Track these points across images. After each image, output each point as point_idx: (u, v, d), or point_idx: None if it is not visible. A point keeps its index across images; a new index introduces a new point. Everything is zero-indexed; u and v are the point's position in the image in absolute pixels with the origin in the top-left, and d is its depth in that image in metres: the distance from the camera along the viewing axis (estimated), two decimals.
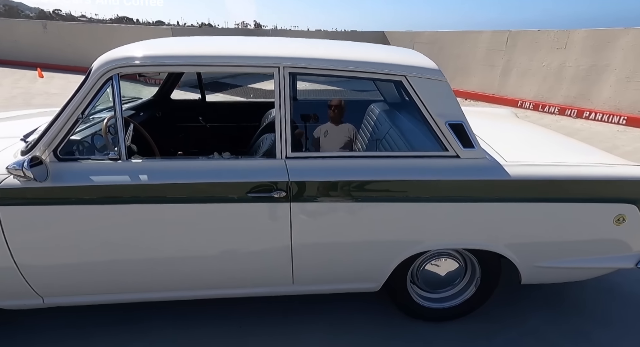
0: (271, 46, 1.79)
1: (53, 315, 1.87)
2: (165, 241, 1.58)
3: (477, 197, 1.61)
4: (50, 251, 1.52)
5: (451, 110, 1.61)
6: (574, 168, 1.65)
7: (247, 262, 1.67)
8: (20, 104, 6.89)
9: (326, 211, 1.59)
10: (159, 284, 1.69)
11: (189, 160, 1.60)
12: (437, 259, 1.84)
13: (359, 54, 1.79)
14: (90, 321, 1.88)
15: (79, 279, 1.61)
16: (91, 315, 1.91)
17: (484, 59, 8.69)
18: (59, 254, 1.53)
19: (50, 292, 1.62)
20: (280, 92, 1.56)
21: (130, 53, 1.50)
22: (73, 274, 1.59)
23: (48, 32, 12.53)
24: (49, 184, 1.42)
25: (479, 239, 1.70)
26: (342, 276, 1.76)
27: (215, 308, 1.98)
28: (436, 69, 1.64)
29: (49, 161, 1.44)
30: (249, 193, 1.53)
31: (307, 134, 2.88)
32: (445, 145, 1.62)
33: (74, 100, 1.44)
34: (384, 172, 1.59)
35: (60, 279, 1.60)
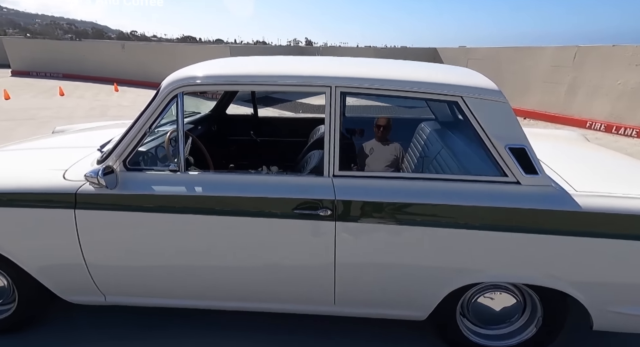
0: (324, 66, 1.82)
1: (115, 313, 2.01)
2: (214, 250, 1.63)
3: (540, 228, 1.47)
4: (113, 253, 1.65)
5: (512, 133, 1.51)
6: None
7: (289, 278, 1.67)
8: (98, 115, 7.76)
9: (372, 232, 1.55)
10: (206, 292, 1.75)
11: (239, 174, 1.66)
12: (492, 292, 1.70)
13: (412, 73, 1.76)
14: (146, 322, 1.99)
15: (136, 281, 1.72)
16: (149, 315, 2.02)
17: (546, 76, 8.11)
18: (120, 256, 1.66)
19: (111, 291, 1.75)
20: (331, 111, 1.57)
21: (194, 73, 1.62)
22: (131, 275, 1.70)
23: (125, 51, 14.09)
24: (117, 192, 1.55)
25: (540, 274, 1.54)
26: (386, 301, 1.69)
27: (253, 319, 1.99)
28: (496, 89, 1.55)
29: (119, 170, 1.58)
30: (294, 209, 1.54)
31: (354, 151, 2.87)
32: (505, 170, 1.51)
33: (144, 116, 1.58)
34: (436, 196, 1.52)
35: (120, 280, 1.72)
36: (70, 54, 15.14)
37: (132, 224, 1.59)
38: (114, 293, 1.76)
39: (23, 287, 1.76)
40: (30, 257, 1.66)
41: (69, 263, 1.66)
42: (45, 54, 15.52)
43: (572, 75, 7.64)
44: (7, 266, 1.69)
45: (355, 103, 8.22)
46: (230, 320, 1.99)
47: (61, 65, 15.16)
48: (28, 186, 1.60)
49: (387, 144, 2.87)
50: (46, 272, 1.70)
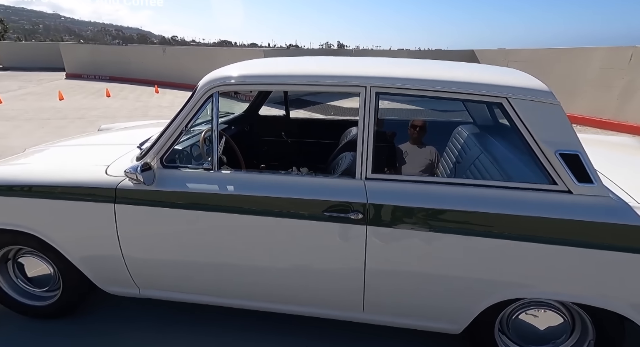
0: (358, 66, 1.78)
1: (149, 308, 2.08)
2: (243, 249, 1.64)
3: (594, 242, 1.34)
4: (148, 247, 1.70)
5: (564, 137, 1.39)
6: None
7: (317, 281, 1.64)
8: (140, 114, 8.19)
9: (405, 237, 1.48)
10: (235, 291, 1.76)
11: (270, 174, 1.66)
12: (536, 308, 1.57)
13: (451, 73, 1.67)
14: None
15: (168, 275, 1.76)
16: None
17: (596, 79, 7.55)
18: (155, 250, 1.70)
19: (145, 284, 1.80)
20: (365, 111, 1.52)
21: (229, 73, 1.63)
22: (163, 270, 1.74)
23: (166, 55, 14.81)
24: (154, 188, 1.60)
25: (592, 293, 1.40)
26: (418, 311, 1.61)
27: (281, 323, 1.98)
28: (547, 90, 1.44)
29: (156, 167, 1.63)
30: (325, 212, 1.51)
31: (386, 154, 2.80)
32: (554, 178, 1.39)
33: (181, 115, 1.62)
34: (475, 203, 1.43)
35: (153, 273, 1.77)
36: (116, 58, 16.17)
37: (166, 220, 1.63)
38: (148, 286, 1.81)
39: (67, 275, 1.86)
40: (73, 247, 1.75)
41: (107, 255, 1.73)
42: (95, 58, 16.70)
43: (628, 78, 7.05)
44: (54, 254, 1.79)
45: (387, 106, 8.11)
46: (248, 320, 1.99)
47: (109, 68, 16.23)
48: (75, 179, 1.69)
49: (422, 147, 2.77)
50: (87, 262, 1.78)
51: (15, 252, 1.93)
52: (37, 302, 1.98)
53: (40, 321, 1.98)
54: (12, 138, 5.80)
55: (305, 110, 8.90)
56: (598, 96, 7.51)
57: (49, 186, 1.68)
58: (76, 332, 1.92)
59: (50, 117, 7.71)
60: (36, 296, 1.99)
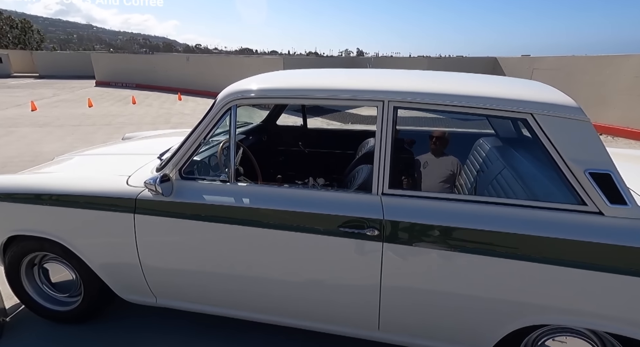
0: (377, 79, 1.76)
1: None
2: (258, 262, 1.63)
3: (628, 269, 1.25)
4: (165, 257, 1.72)
5: (594, 156, 1.31)
6: None
7: (332, 297, 1.61)
8: (163, 121, 8.45)
9: (422, 255, 1.44)
10: (248, 303, 1.75)
11: (285, 188, 1.65)
12: (564, 335, 1.47)
13: (472, 87, 1.63)
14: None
15: (183, 286, 1.78)
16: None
17: (630, 88, 7.20)
18: (171, 260, 1.72)
19: (162, 293, 1.83)
20: (382, 125, 1.50)
21: (248, 87, 1.65)
22: (180, 280, 1.76)
23: (190, 63, 15.29)
24: (172, 199, 1.62)
25: (626, 322, 1.30)
26: (436, 333, 1.55)
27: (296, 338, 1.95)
28: (575, 106, 1.37)
29: (175, 179, 1.65)
30: (340, 227, 1.48)
31: (405, 164, 2.75)
32: (583, 199, 1.32)
33: (200, 127, 1.64)
34: (496, 222, 1.37)
35: (170, 283, 1.79)
36: (143, 66, 16.84)
37: (183, 231, 1.65)
38: (164, 296, 1.83)
39: (88, 282, 1.91)
40: (94, 255, 1.80)
41: (126, 263, 1.76)
42: (123, 66, 17.45)
43: None
44: (76, 261, 1.85)
45: (405, 114, 7.97)
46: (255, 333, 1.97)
47: (135, 76, 16.91)
48: (98, 189, 1.74)
49: (442, 157, 2.70)
50: (106, 270, 1.82)
51: (41, 258, 2.00)
52: (59, 307, 2.04)
53: (60, 326, 2.04)
54: (44, 144, 6.10)
55: (323, 117, 8.93)
56: (632, 105, 7.16)
57: (74, 195, 1.74)
58: (95, 338, 1.96)
59: (80, 123, 8.07)
60: (59, 300, 2.05)
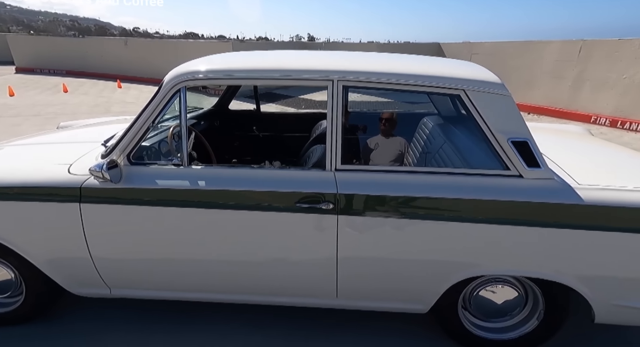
0: (326, 59, 1.82)
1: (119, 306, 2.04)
2: (217, 244, 1.65)
3: (542, 221, 1.47)
4: (118, 246, 1.67)
5: (515, 126, 1.51)
6: None
7: (292, 271, 1.69)
8: (102, 111, 7.80)
9: (374, 225, 1.56)
10: (209, 285, 1.77)
11: (241, 168, 1.67)
12: (494, 285, 1.70)
13: (414, 67, 1.75)
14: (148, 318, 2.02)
15: (140, 273, 1.74)
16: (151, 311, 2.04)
17: (551, 71, 8.04)
18: (125, 249, 1.68)
19: (116, 283, 1.77)
20: (332, 104, 1.57)
21: (197, 68, 1.62)
22: (136, 268, 1.72)
23: (128, 47, 14.11)
24: (122, 185, 1.57)
25: (542, 268, 1.54)
26: (387, 294, 1.70)
27: (251, 316, 2.01)
28: (499, 82, 1.55)
29: (123, 165, 1.59)
30: (297, 203, 1.55)
31: (357, 146, 2.87)
32: (507, 164, 1.51)
33: (147, 110, 1.59)
34: (437, 189, 1.52)
35: (125, 272, 1.74)
36: (73, 51, 15.20)
37: (136, 218, 1.61)
38: (119, 286, 1.79)
39: (30, 280, 1.79)
40: (37, 250, 1.69)
41: (75, 256, 1.68)
42: (49, 51, 15.61)
43: (577, 70, 7.57)
44: (15, 259, 1.72)
45: (358, 99, 8.21)
46: (233, 313, 2.01)
47: (64, 62, 15.24)
48: (34, 180, 1.62)
49: (392, 138, 2.86)
50: (53, 265, 1.72)
51: None
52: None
53: (4, 327, 1.90)
54: None
55: (277, 104, 8.84)
56: (552, 87, 8.02)
57: (6, 187, 1.61)
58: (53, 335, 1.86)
59: (2, 114, 7.18)
60: None
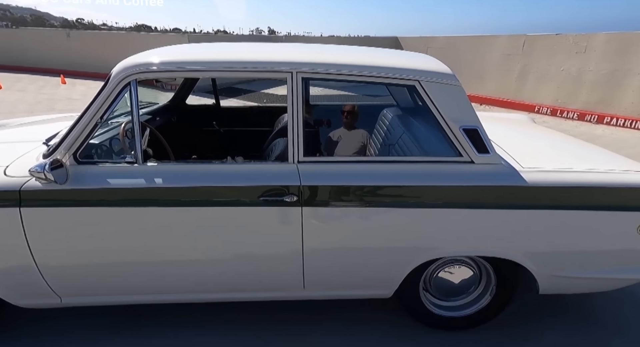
0: (284, 52, 1.81)
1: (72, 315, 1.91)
2: (179, 243, 1.60)
3: (492, 203, 1.58)
4: (68, 252, 1.56)
5: (465, 115, 1.59)
6: (594, 175, 1.60)
7: (259, 266, 1.67)
8: (44, 109, 7.16)
9: (338, 215, 1.58)
10: (172, 286, 1.71)
11: (202, 164, 1.62)
12: (451, 266, 1.80)
13: (372, 58, 1.79)
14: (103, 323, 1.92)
15: (95, 279, 1.64)
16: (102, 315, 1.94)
17: (499, 64, 8.56)
18: (76, 254, 1.57)
19: (67, 291, 1.66)
20: (292, 96, 1.57)
21: (147, 59, 1.54)
22: (89, 274, 1.62)
23: (71, 40, 13.03)
24: (68, 187, 1.46)
25: (493, 246, 1.66)
26: (353, 282, 1.75)
27: (224, 313, 1.98)
28: (450, 73, 1.63)
29: (69, 164, 1.48)
30: (260, 197, 1.53)
31: (320, 139, 2.89)
32: (460, 151, 1.60)
33: (94, 105, 1.49)
34: (396, 178, 1.57)
35: (77, 280, 1.63)
36: (6, 43, 13.75)
37: (86, 220, 1.51)
38: (71, 294, 1.67)
39: None
40: None
41: (16, 265, 1.55)
42: None
43: (522, 63, 8.13)
44: None
45: (322, 93, 8.22)
46: (208, 313, 1.96)
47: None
48: None
49: (354, 131, 2.91)
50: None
51: None
52: None
53: None
54: None
55: (239, 98, 8.64)
56: (501, 79, 8.55)
57: None
58: None
59: None
60: None
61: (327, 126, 2.96)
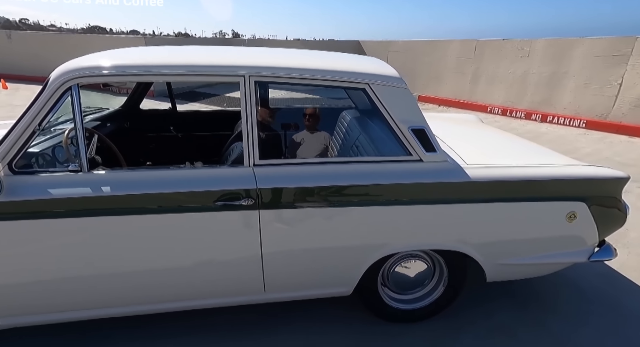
0: (239, 55, 1.81)
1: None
2: (132, 253, 1.54)
3: (440, 199, 1.67)
4: (4, 269, 1.46)
5: (413, 116, 1.68)
6: (528, 169, 1.75)
7: (218, 272, 1.65)
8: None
9: (294, 217, 1.60)
10: (127, 298, 1.64)
11: (155, 170, 1.58)
12: (407, 260, 1.88)
13: (324, 62, 1.84)
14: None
15: (37, 298, 1.54)
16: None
17: (455, 67, 9.03)
18: (14, 272, 1.47)
19: (6, 312, 1.54)
20: (246, 100, 1.57)
21: (89, 63, 1.48)
22: (30, 293, 1.52)
23: (13, 41, 12.07)
24: (3, 199, 1.37)
25: (443, 239, 1.75)
26: (313, 282, 1.77)
27: (186, 321, 1.94)
28: (397, 76, 1.71)
29: (3, 175, 1.39)
30: (216, 202, 1.52)
31: (286, 143, 2.90)
32: (409, 150, 1.67)
33: (30, 112, 1.41)
34: (350, 178, 1.62)
35: (16, 299, 1.52)
36: None
37: (26, 234, 1.42)
38: (10, 314, 1.56)
39: None
40: None
41: None
42: None
43: (475, 66, 8.63)
44: None
45: (285, 96, 8.21)
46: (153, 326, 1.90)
47: None
48: None
49: (316, 133, 2.95)
50: None
51: None
52: None
53: None
54: None
55: (200, 103, 8.41)
56: (457, 81, 9.02)
57: None
58: None
59: None
60: None
61: (295, 130, 2.98)
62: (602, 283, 2.33)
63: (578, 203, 1.73)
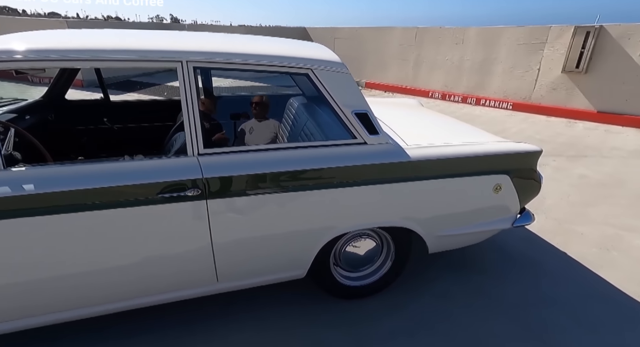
0: (176, 40, 1.71)
1: None
2: (68, 254, 1.43)
3: (384, 179, 1.76)
4: None
5: (356, 100, 1.73)
6: (459, 147, 1.91)
7: (168, 266, 1.60)
8: None
9: (243, 205, 1.59)
10: (69, 302, 1.53)
11: (85, 164, 1.46)
12: (357, 240, 1.98)
13: (266, 48, 1.81)
14: None
15: None
16: None
17: (398, 54, 9.36)
18: None
19: None
20: (185, 87, 1.51)
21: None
22: None
23: None
24: None
25: (390, 217, 1.86)
26: (267, 268, 1.79)
27: (140, 319, 1.86)
28: (339, 62, 1.74)
29: None
30: (159, 194, 1.46)
31: (235, 132, 2.83)
32: (354, 133, 1.73)
33: None
34: (297, 163, 1.64)
35: None
36: None
37: None
38: None
39: None
40: None
41: None
42: None
43: (416, 53, 9.02)
44: None
45: (232, 84, 7.91)
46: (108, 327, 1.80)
47: None
48: None
49: (264, 121, 2.91)
50: None
51: None
52: None
53: None
54: None
55: (138, 92, 7.80)
56: (400, 67, 9.37)
57: None
58: None
59: None
60: None
61: (245, 119, 2.92)
62: (523, 246, 2.65)
63: (502, 176, 1.94)
